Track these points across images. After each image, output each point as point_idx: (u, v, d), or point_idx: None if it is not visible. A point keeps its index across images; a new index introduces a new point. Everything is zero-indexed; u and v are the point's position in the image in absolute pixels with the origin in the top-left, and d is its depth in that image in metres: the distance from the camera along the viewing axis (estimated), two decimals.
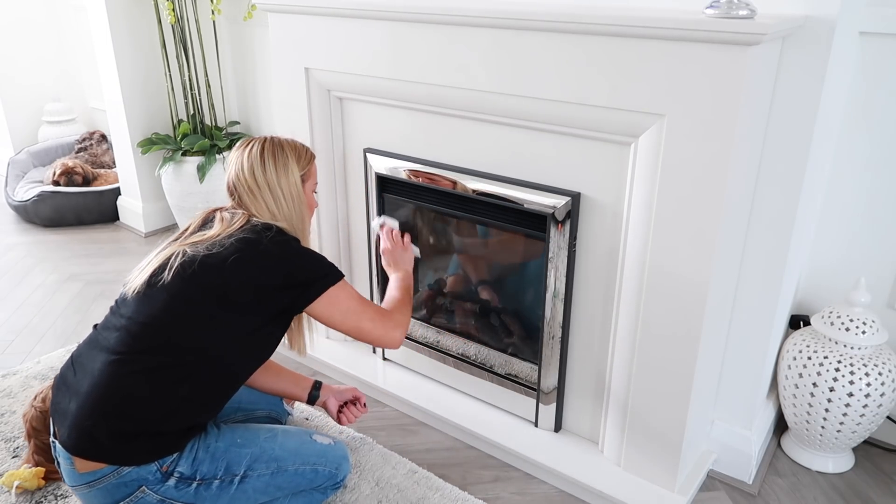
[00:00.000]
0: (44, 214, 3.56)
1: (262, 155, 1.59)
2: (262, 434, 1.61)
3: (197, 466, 1.48)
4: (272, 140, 1.63)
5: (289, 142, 1.65)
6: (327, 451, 1.67)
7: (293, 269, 1.53)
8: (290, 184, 1.60)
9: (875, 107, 1.75)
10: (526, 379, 1.97)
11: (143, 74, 3.28)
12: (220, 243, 1.49)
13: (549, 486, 1.87)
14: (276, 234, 1.53)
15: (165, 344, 1.44)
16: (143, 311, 1.45)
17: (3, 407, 2.12)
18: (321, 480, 1.65)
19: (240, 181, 1.59)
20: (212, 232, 1.53)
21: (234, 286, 1.46)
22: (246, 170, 1.59)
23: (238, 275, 1.46)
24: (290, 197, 1.60)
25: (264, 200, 1.58)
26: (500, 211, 1.84)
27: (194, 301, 1.46)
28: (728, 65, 1.35)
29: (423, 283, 2.31)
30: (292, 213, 1.60)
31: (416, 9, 1.74)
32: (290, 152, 1.62)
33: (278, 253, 1.51)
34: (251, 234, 1.50)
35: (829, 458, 1.91)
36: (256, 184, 1.57)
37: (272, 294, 1.50)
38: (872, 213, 1.84)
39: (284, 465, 1.58)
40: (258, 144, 1.61)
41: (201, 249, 1.47)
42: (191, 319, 1.46)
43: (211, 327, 1.47)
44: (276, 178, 1.58)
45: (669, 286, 1.58)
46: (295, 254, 1.55)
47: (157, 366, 1.43)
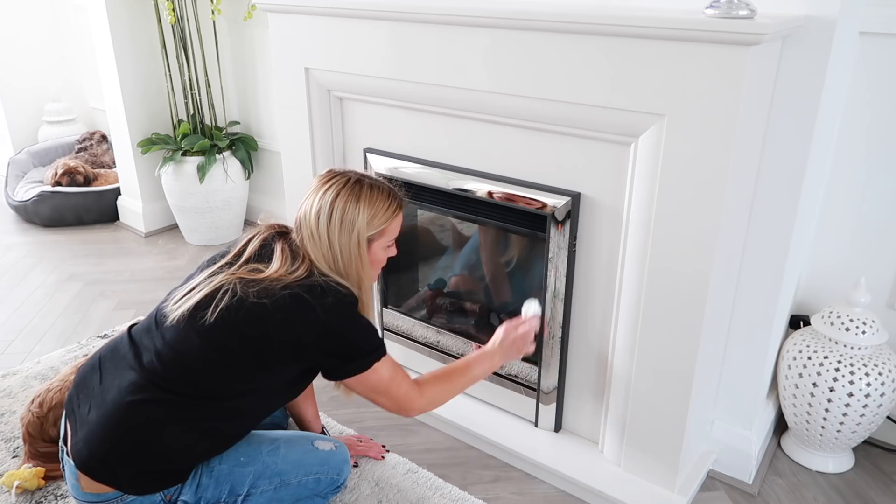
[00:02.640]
0: (44, 214, 3.57)
1: (334, 203, 1.46)
2: (265, 448, 1.57)
3: (201, 494, 1.46)
4: (352, 187, 1.48)
5: (371, 192, 1.49)
6: (329, 458, 1.64)
7: (341, 341, 1.44)
8: (351, 243, 1.47)
9: (875, 107, 1.75)
10: (526, 379, 1.97)
11: (143, 74, 3.28)
12: (273, 292, 1.39)
13: (549, 486, 1.87)
14: (331, 297, 1.42)
15: (191, 385, 1.41)
16: (179, 347, 1.41)
17: (3, 407, 2.12)
18: (323, 487, 1.64)
19: (306, 221, 1.49)
20: (268, 272, 1.44)
21: (274, 344, 1.40)
22: (313, 212, 1.48)
23: (281, 334, 1.40)
24: (348, 255, 1.47)
25: (321, 250, 1.47)
26: (500, 211, 1.84)
27: (230, 352, 1.40)
28: (728, 65, 1.35)
29: (424, 283, 2.31)
30: (348, 270, 1.48)
31: (417, 9, 1.74)
32: (365, 207, 1.47)
33: (330, 322, 1.42)
34: (307, 294, 1.41)
35: (829, 458, 1.91)
36: (318, 232, 1.46)
37: (311, 356, 1.45)
38: (872, 213, 1.84)
39: (287, 479, 1.57)
40: (335, 188, 1.48)
41: (252, 294, 1.39)
42: (222, 370, 1.42)
43: (241, 380, 1.43)
44: (338, 233, 1.46)
45: (669, 286, 1.58)
46: (347, 327, 1.45)
47: (180, 403, 1.40)
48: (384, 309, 2.23)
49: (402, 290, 2.28)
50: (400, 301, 2.26)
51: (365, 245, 1.49)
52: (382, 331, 2.26)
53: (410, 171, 1.97)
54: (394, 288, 2.25)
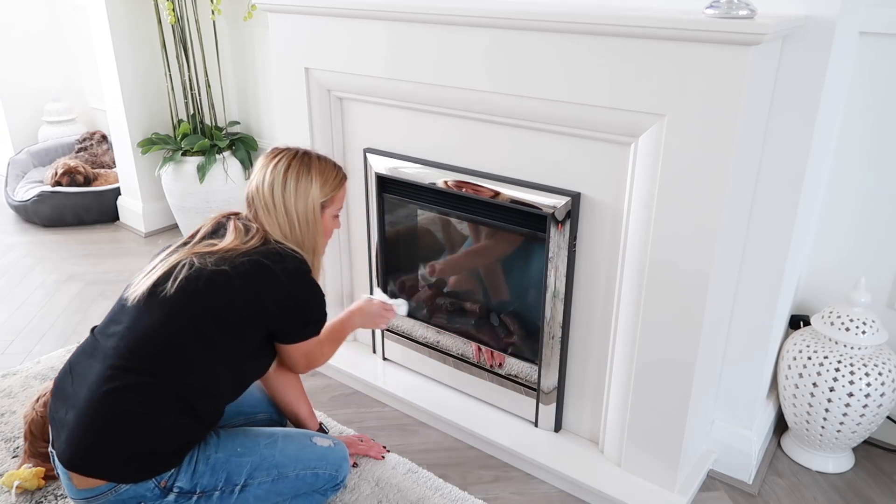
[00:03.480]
0: (44, 214, 3.56)
1: (286, 174, 1.54)
2: (263, 441, 1.59)
3: (197, 480, 1.47)
4: (301, 158, 1.57)
5: (319, 162, 1.59)
6: (327, 454, 1.66)
7: (301, 305, 1.53)
8: (307, 209, 1.55)
9: (875, 107, 1.75)
10: (526, 379, 1.97)
11: (143, 74, 3.28)
12: (231, 260, 1.45)
13: (549, 486, 1.87)
14: (289, 262, 1.50)
15: (161, 364, 1.41)
16: (142, 324, 1.42)
17: (3, 407, 2.12)
18: (322, 483, 1.64)
19: (258, 195, 1.55)
20: (223, 244, 1.49)
21: (237, 309, 1.44)
22: (266, 185, 1.54)
23: (244, 299, 1.44)
24: (304, 222, 1.55)
25: (277, 220, 1.54)
26: (500, 211, 1.84)
27: (193, 321, 1.42)
28: (728, 65, 1.35)
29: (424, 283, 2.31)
30: (304, 238, 1.56)
31: (417, 9, 1.74)
32: (317, 176, 1.57)
33: (291, 286, 1.49)
34: (265, 259, 1.47)
35: (829, 458, 1.91)
36: (273, 202, 1.53)
37: (273, 319, 1.49)
38: (872, 213, 1.84)
39: (285, 472, 1.57)
40: (285, 160, 1.56)
41: (209, 263, 1.44)
42: (187, 342, 1.43)
43: (205, 349, 1.44)
44: (293, 200, 1.54)
45: (669, 286, 1.58)
46: (306, 291, 1.53)
47: (152, 386, 1.41)
48: None
49: (401, 290, 2.27)
50: None
51: (320, 211, 1.57)
52: (382, 331, 2.27)
53: (410, 171, 1.97)
54: (394, 288, 2.25)
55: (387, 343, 2.28)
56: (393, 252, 2.21)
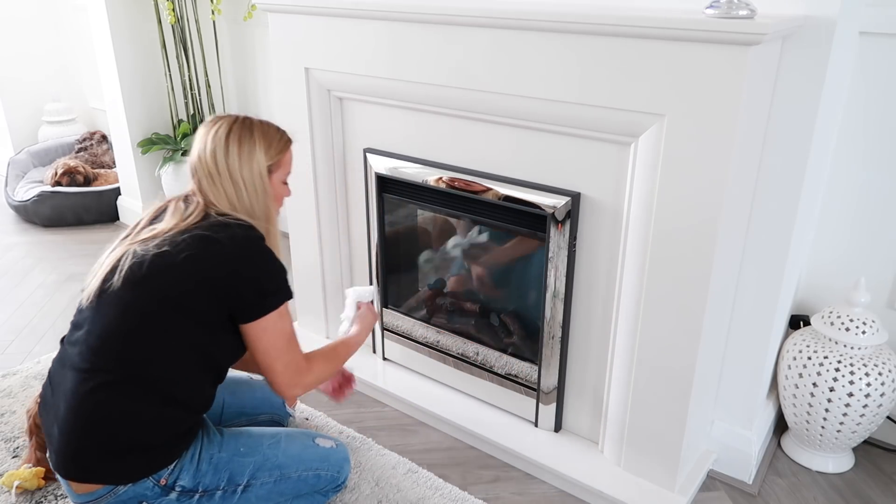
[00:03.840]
0: (43, 214, 3.56)
1: (228, 138, 1.46)
2: (266, 441, 1.59)
3: (199, 479, 1.46)
4: (242, 122, 1.49)
5: (261, 125, 1.51)
6: (329, 455, 1.66)
7: (253, 271, 1.42)
8: (253, 173, 1.47)
9: (875, 107, 1.75)
10: (526, 379, 1.97)
11: (143, 74, 3.28)
12: (172, 240, 1.39)
13: (548, 486, 1.87)
14: (236, 230, 1.42)
15: (126, 359, 1.38)
16: (99, 324, 1.39)
17: (3, 407, 2.12)
18: (323, 484, 1.65)
19: (200, 163, 1.46)
20: (162, 226, 1.43)
21: (188, 287, 1.38)
22: (208, 152, 1.46)
23: (193, 274, 1.38)
24: (252, 187, 1.47)
25: (224, 188, 1.45)
26: (500, 211, 1.84)
27: (147, 310, 1.38)
28: (728, 65, 1.35)
29: (424, 283, 2.31)
30: (254, 204, 1.48)
31: (416, 9, 1.74)
32: (260, 138, 1.48)
33: (237, 252, 1.41)
34: (207, 231, 1.40)
35: (829, 458, 1.91)
36: (217, 169, 1.45)
37: (226, 292, 1.40)
38: (872, 214, 1.84)
39: (287, 473, 1.57)
40: (225, 126, 1.48)
41: (151, 248, 1.38)
42: (146, 332, 1.38)
43: (164, 336, 1.39)
44: (238, 165, 1.45)
45: (669, 286, 1.58)
46: (255, 256, 1.44)
47: (124, 380, 1.38)
48: (384, 309, 2.23)
49: (401, 290, 2.28)
50: (400, 301, 2.26)
51: (267, 175, 1.49)
52: (382, 331, 2.27)
53: (410, 171, 1.97)
54: (394, 288, 2.25)
55: (387, 343, 2.28)
56: (393, 252, 2.21)
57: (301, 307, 2.44)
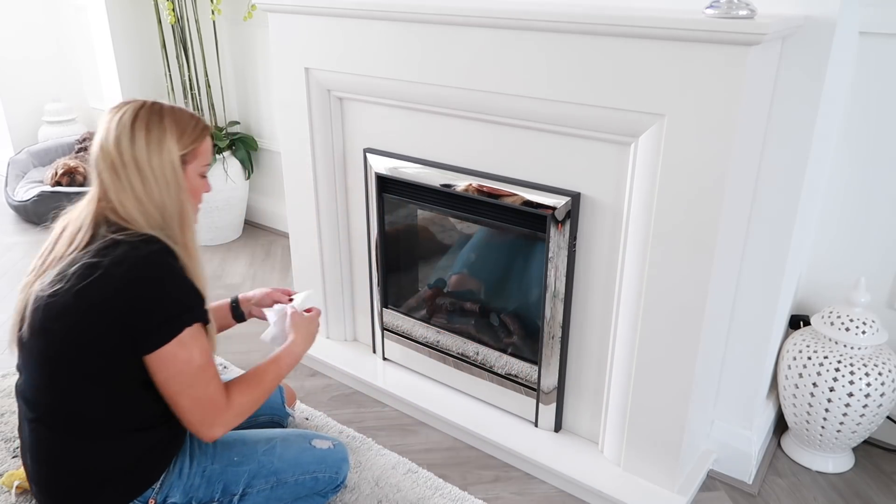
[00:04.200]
0: (44, 214, 3.55)
1: (134, 124, 1.30)
2: (261, 447, 1.55)
3: (192, 493, 1.43)
4: (151, 107, 1.34)
5: (173, 111, 1.36)
6: (327, 457, 1.63)
7: (139, 294, 1.25)
8: (163, 164, 1.30)
9: (875, 107, 1.75)
10: (526, 379, 1.97)
11: (143, 74, 3.28)
12: (63, 274, 1.25)
13: (549, 486, 1.87)
14: (123, 249, 1.25)
15: (61, 409, 1.32)
16: (27, 376, 1.34)
17: (3, 407, 2.12)
18: (321, 486, 1.63)
19: (103, 154, 1.30)
20: (55, 254, 1.31)
21: (84, 326, 1.26)
22: (111, 141, 1.29)
23: (85, 311, 1.25)
24: (163, 179, 1.30)
25: (130, 182, 1.28)
26: (500, 211, 1.84)
27: (60, 358, 1.28)
28: (728, 65, 1.35)
29: (424, 283, 2.31)
30: (164, 200, 1.31)
31: (416, 9, 1.74)
32: (171, 125, 1.33)
33: (122, 275, 1.24)
34: (94, 256, 1.25)
35: (829, 458, 1.91)
36: (122, 159, 1.28)
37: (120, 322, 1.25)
38: (872, 214, 1.84)
39: (284, 478, 1.55)
40: (130, 111, 1.32)
41: (47, 288, 1.26)
42: (69, 380, 1.29)
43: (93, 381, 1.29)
44: (146, 154, 1.29)
45: (669, 286, 1.58)
46: (144, 275, 1.26)
47: (68, 426, 1.32)
48: (384, 309, 2.23)
49: (402, 290, 2.28)
50: (400, 301, 2.26)
51: (180, 166, 1.33)
52: (382, 331, 2.27)
53: (410, 171, 1.97)
54: (394, 288, 2.25)
55: (387, 343, 2.28)
56: (393, 252, 2.21)
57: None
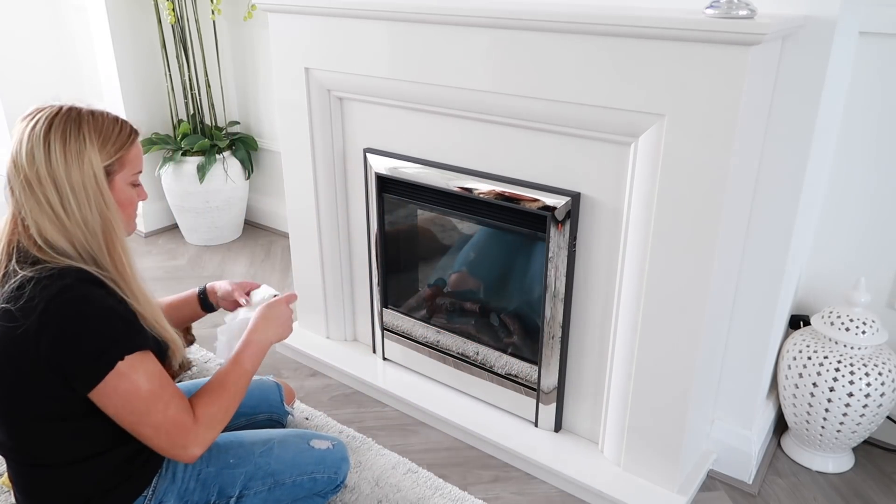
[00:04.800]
0: None
1: (48, 135, 1.17)
2: (257, 449, 1.53)
3: (187, 497, 1.41)
4: (68, 113, 1.21)
5: (93, 117, 1.23)
6: (325, 457, 1.61)
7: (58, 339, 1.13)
8: (84, 179, 1.18)
9: (875, 107, 1.75)
10: (526, 379, 1.97)
11: (143, 74, 3.28)
12: None
13: (549, 486, 1.87)
14: (32, 289, 1.13)
15: (17, 450, 1.26)
16: None
17: None
18: (320, 487, 1.61)
19: (15, 169, 1.17)
20: None
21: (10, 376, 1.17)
22: (24, 154, 1.16)
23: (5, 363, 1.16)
24: (83, 196, 1.18)
25: (46, 199, 1.16)
26: (500, 211, 1.84)
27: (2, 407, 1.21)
28: (728, 65, 1.35)
29: (424, 283, 2.31)
30: (87, 217, 1.19)
31: (416, 9, 1.74)
32: (92, 134, 1.20)
33: (35, 329, 1.12)
34: (5, 304, 1.14)
35: (829, 458, 1.91)
36: (36, 174, 1.15)
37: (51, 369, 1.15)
38: (873, 214, 1.84)
39: (281, 479, 1.53)
40: (45, 120, 1.18)
41: None
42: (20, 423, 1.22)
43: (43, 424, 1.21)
44: (64, 170, 1.16)
45: (669, 286, 1.58)
46: (59, 318, 1.13)
47: (37, 457, 1.26)
48: (384, 309, 2.23)
49: (402, 289, 2.28)
50: (400, 301, 2.26)
51: (104, 179, 1.21)
52: (382, 331, 2.27)
53: (410, 171, 1.97)
54: (394, 288, 2.25)
55: (387, 343, 2.28)
56: (393, 252, 2.21)
57: (301, 307, 2.44)
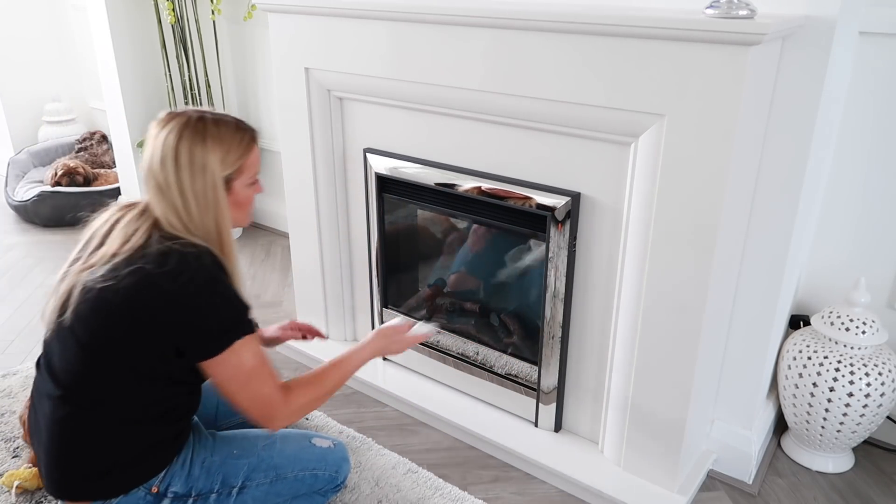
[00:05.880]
0: (44, 214, 3.56)
1: (177, 147, 1.31)
2: (260, 442, 1.57)
3: (192, 483, 1.45)
4: (195, 125, 1.33)
5: (217, 127, 1.35)
6: (327, 455, 1.63)
7: (191, 312, 1.29)
8: (206, 188, 1.33)
9: (875, 107, 1.75)
10: (526, 379, 1.97)
11: (143, 74, 3.28)
12: (115, 271, 1.28)
13: (549, 486, 1.87)
14: (178, 262, 1.28)
15: (91, 391, 1.34)
16: (62, 356, 1.35)
17: (3, 407, 2.12)
18: (321, 484, 1.63)
19: (150, 174, 1.33)
20: (107, 248, 1.32)
21: (131, 329, 1.29)
22: (157, 162, 1.32)
23: (133, 317, 1.28)
24: (204, 201, 1.33)
25: (173, 203, 1.32)
26: (500, 211, 1.84)
27: (100, 348, 1.31)
28: (728, 65, 1.35)
29: (424, 283, 2.31)
30: (204, 220, 1.34)
31: (416, 9, 1.74)
32: (215, 146, 1.33)
33: (174, 292, 1.27)
34: (148, 263, 1.28)
35: (829, 458, 1.91)
36: (166, 181, 1.31)
37: (164, 334, 1.30)
38: (872, 213, 1.84)
39: (283, 473, 1.56)
40: (175, 132, 1.32)
41: (97, 281, 1.28)
42: (104, 367, 1.32)
43: (127, 372, 1.33)
44: (189, 180, 1.31)
45: (669, 286, 1.58)
46: (196, 292, 1.29)
47: (93, 408, 1.34)
48: (384, 309, 2.23)
49: (402, 289, 2.28)
50: (400, 301, 2.26)
51: (222, 187, 1.35)
52: None
53: (410, 171, 1.98)
54: (394, 288, 2.25)
55: None
56: (393, 252, 2.21)
57: (301, 307, 2.44)
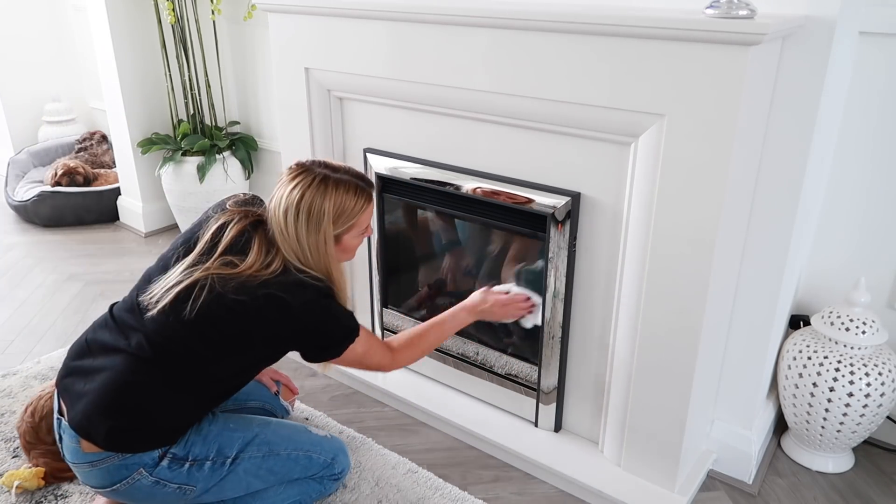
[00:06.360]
0: (44, 214, 3.56)
1: (300, 204, 1.47)
2: (256, 421, 1.65)
3: (189, 448, 1.52)
4: (318, 187, 1.48)
5: (337, 189, 1.50)
6: (322, 441, 1.70)
7: (317, 335, 1.52)
8: (318, 242, 1.49)
9: (875, 107, 1.75)
10: (526, 379, 1.97)
11: (143, 74, 3.28)
12: (251, 291, 1.43)
13: (549, 486, 1.87)
14: (309, 292, 1.47)
15: (179, 366, 1.48)
16: (164, 333, 1.46)
17: (3, 407, 2.12)
18: (316, 469, 1.66)
19: (275, 217, 1.50)
20: (244, 266, 1.46)
21: (252, 338, 1.47)
22: (281, 211, 1.49)
23: (259, 331, 1.46)
24: (316, 253, 1.50)
25: (291, 247, 1.49)
26: (500, 211, 1.84)
27: (210, 342, 1.46)
28: (728, 65, 1.35)
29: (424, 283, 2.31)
30: (318, 266, 1.52)
31: (416, 9, 1.74)
32: (332, 208, 1.48)
33: (305, 320, 1.48)
34: (284, 293, 1.45)
35: (829, 458, 1.91)
36: (286, 230, 1.48)
37: (288, 346, 1.54)
38: (873, 213, 1.84)
39: (277, 450, 1.61)
40: (300, 188, 1.48)
41: (230, 290, 1.43)
42: (205, 356, 1.48)
43: (223, 360, 1.50)
44: (305, 233, 1.48)
45: (669, 286, 1.58)
46: (322, 322, 1.50)
47: (170, 378, 1.47)
48: (384, 309, 2.23)
49: (401, 289, 2.28)
50: (400, 301, 2.26)
51: (332, 242, 1.51)
52: (382, 331, 2.27)
53: (410, 171, 1.97)
54: (394, 288, 2.25)
55: None
56: (392, 252, 2.21)
57: None
